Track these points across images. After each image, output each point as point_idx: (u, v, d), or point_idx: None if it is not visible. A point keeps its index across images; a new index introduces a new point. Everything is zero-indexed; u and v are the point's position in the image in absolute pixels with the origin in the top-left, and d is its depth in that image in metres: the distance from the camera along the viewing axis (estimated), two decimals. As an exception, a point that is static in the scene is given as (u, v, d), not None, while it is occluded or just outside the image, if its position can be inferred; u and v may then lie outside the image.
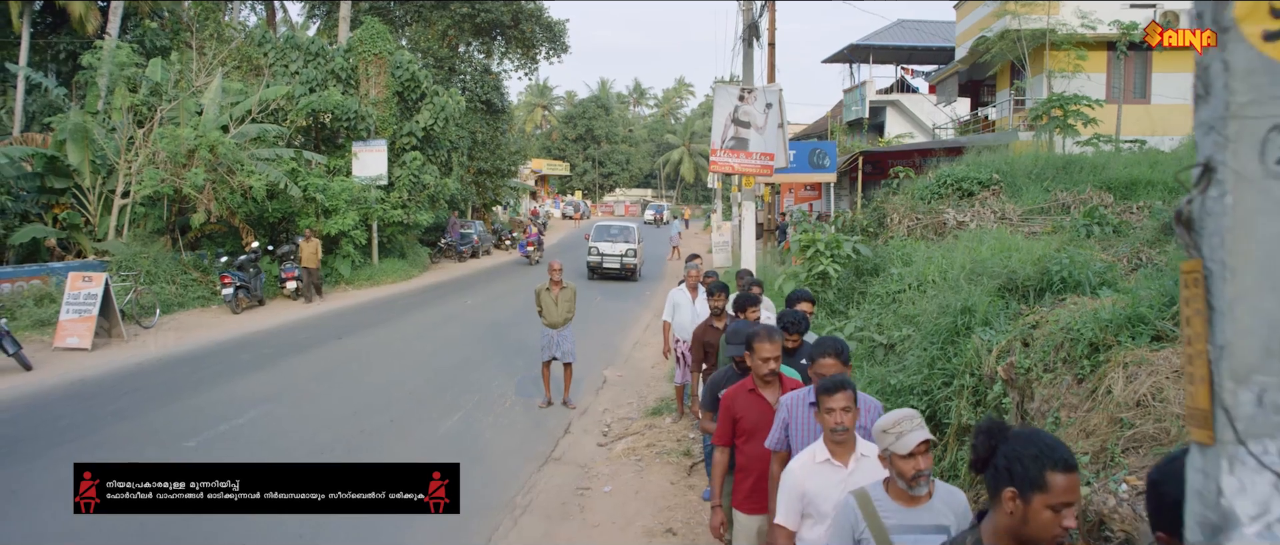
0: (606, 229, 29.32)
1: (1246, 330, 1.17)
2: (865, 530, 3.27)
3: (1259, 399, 1.17)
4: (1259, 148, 1.15)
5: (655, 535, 7.03)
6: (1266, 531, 1.17)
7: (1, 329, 12.64)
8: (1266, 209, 1.16)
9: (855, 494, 3.38)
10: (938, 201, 16.43)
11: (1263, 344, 1.17)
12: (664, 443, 9.49)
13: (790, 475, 3.97)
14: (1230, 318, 1.18)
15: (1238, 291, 1.17)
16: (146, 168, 19.37)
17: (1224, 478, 1.19)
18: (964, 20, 27.92)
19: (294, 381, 12.40)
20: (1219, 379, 1.19)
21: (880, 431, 3.29)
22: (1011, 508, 2.25)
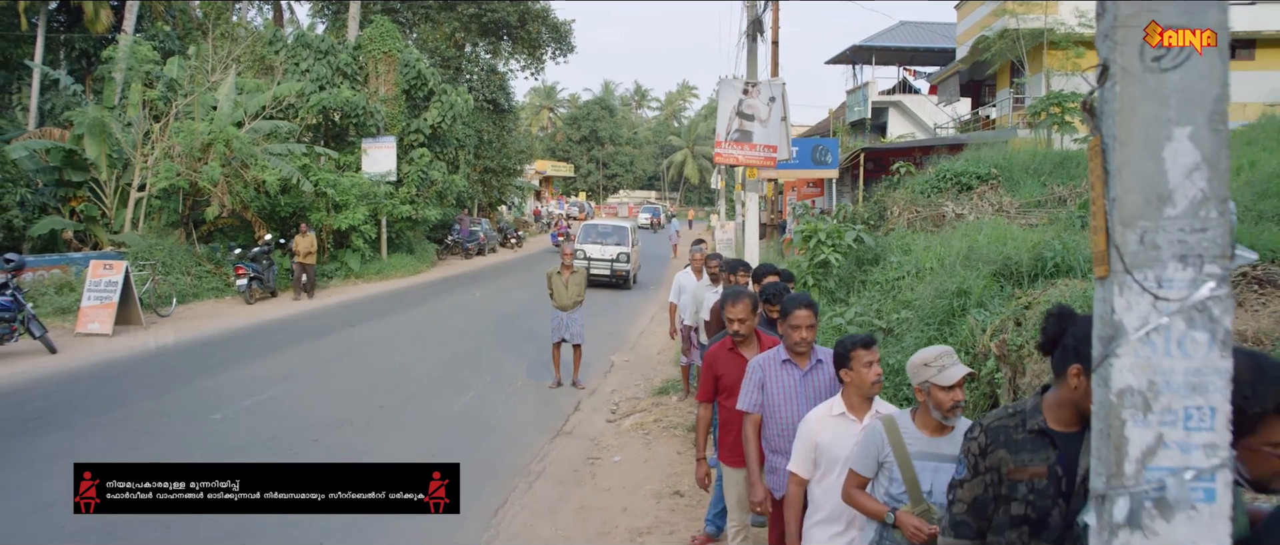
0: (594, 228, 26.42)
1: (1131, 187, 1.56)
2: (889, 453, 3.56)
3: (1141, 239, 1.56)
4: (1139, 49, 1.54)
5: (663, 497, 7.42)
6: (1145, 338, 1.55)
7: (28, 314, 13.07)
8: (1145, 96, 1.54)
9: (883, 418, 3.70)
10: (937, 195, 16.82)
11: (1143, 197, 1.55)
12: (670, 418, 9.88)
13: (806, 425, 4.17)
14: (1119, 178, 1.57)
15: (1124, 159, 1.56)
16: (162, 161, 19.79)
17: (1115, 299, 1.58)
18: (964, 20, 28.30)
19: (311, 363, 12.81)
20: (1112, 225, 1.58)
21: (920, 365, 3.51)
22: (1076, 383, 2.55)
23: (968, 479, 2.80)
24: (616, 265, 24.42)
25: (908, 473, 3.51)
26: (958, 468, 2.90)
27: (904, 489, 3.53)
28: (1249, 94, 20.45)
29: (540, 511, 7.17)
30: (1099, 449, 1.65)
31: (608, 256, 24.51)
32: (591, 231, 26.04)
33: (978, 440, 2.79)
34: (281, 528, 5.91)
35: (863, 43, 35.99)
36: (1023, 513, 2.66)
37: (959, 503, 2.83)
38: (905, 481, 3.51)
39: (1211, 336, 1.55)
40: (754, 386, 4.73)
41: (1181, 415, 1.56)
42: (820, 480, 4.08)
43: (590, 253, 24.27)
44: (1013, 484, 2.68)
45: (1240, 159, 14.54)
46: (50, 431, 8.82)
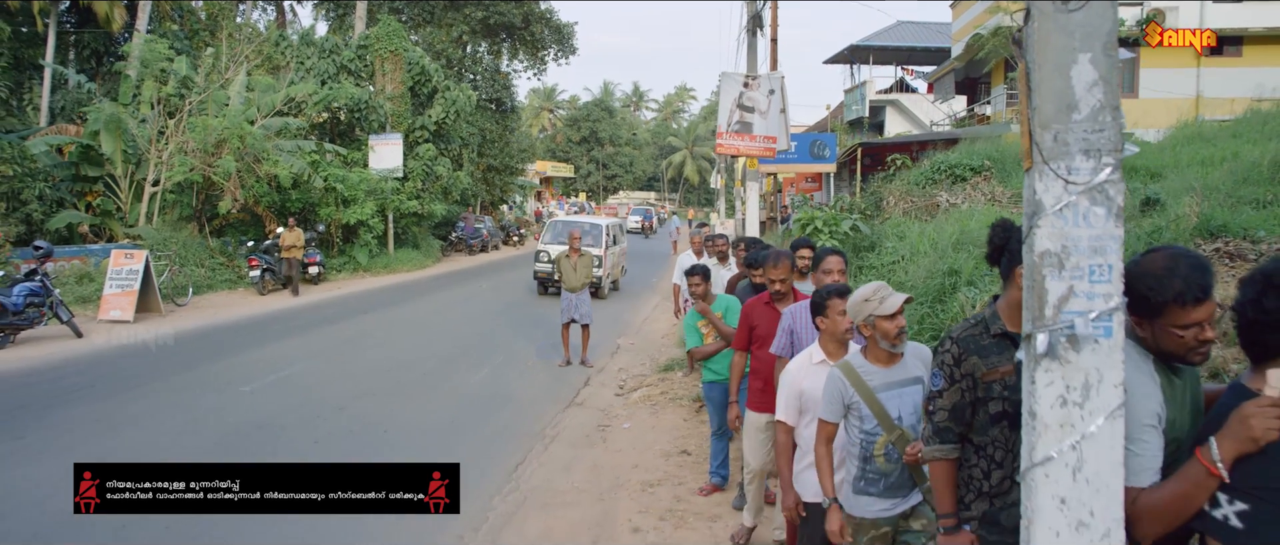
0: (562, 226, 21.89)
1: (1047, 99, 2.07)
2: (854, 395, 3.75)
3: (1054, 138, 2.07)
4: (1052, -5, 2.05)
5: (671, 455, 7.93)
6: (1059, 212, 2.06)
7: (56, 299, 13.58)
8: (1056, 30, 2.06)
9: (839, 365, 3.86)
10: (932, 186, 17.34)
11: (1056, 106, 2.07)
12: (676, 392, 10.39)
13: (788, 375, 4.42)
14: (1038, 93, 2.08)
15: (1041, 78, 2.07)
16: (177, 156, 20.30)
17: (1037, 184, 2.09)
18: (959, 19, 28.85)
19: (330, 345, 13.32)
20: (1034, 128, 2.09)
21: (861, 302, 3.76)
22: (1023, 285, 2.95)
23: (945, 388, 3.06)
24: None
25: (875, 407, 3.73)
26: (934, 379, 3.13)
27: (876, 423, 3.73)
28: (1237, 90, 20.98)
29: (557, 468, 7.68)
30: (1027, 300, 2.16)
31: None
32: (558, 229, 21.47)
33: (951, 351, 3.04)
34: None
35: (860, 42, 36.52)
36: (1001, 409, 2.96)
37: (940, 411, 3.07)
38: (875, 415, 3.73)
39: (1108, 210, 2.06)
40: (784, 333, 5.12)
41: (1087, 271, 2.07)
42: (806, 425, 4.30)
43: (555, 255, 18.40)
44: (987, 386, 2.97)
45: (1226, 150, 15.10)
46: (90, 402, 9.33)
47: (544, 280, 20.42)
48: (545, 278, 20.31)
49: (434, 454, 7.68)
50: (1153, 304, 2.34)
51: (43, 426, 8.31)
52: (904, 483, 3.77)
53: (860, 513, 3.79)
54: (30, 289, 13.16)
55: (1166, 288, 2.31)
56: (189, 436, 8.23)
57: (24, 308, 12.94)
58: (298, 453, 7.76)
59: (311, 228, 23.18)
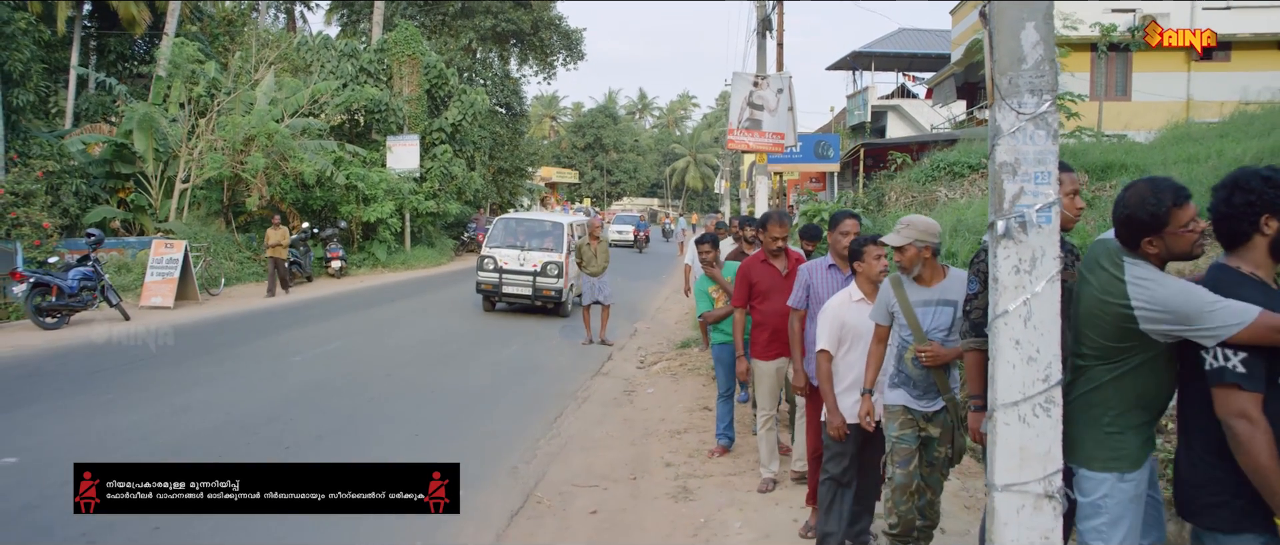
0: (512, 226, 17.42)
1: (1003, 53, 2.92)
2: (895, 304, 4.48)
3: (1009, 82, 2.91)
4: (1007, -21, 2.90)
5: (695, 411, 8.78)
6: (1012, 134, 2.91)
7: (106, 284, 14.43)
8: (1010, 6, 2.91)
9: (890, 278, 4.56)
10: (931, 183, 18.19)
11: (1009, 59, 2.91)
12: (693, 364, 11.23)
13: (830, 310, 4.98)
14: (998, 49, 2.93)
15: (1000, 39, 2.92)
16: (209, 153, 21.18)
17: (997, 114, 2.94)
18: (959, 25, 29.74)
19: (364, 326, 14.20)
20: (995, 74, 2.94)
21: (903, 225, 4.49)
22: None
23: (981, 291, 3.59)
24: (542, 281, 15.79)
25: (911, 318, 4.42)
26: (970, 284, 3.73)
27: (910, 331, 4.43)
28: (1225, 93, 21.81)
29: (591, 421, 8.54)
30: (992, 199, 2.99)
31: (527, 268, 15.87)
32: (509, 231, 17.08)
33: (986, 259, 3.37)
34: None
35: (862, 49, 37.39)
36: None
37: (976, 310, 3.62)
38: (909, 325, 4.42)
39: (1047, 133, 2.90)
40: (801, 286, 5.57)
41: (1032, 176, 2.91)
42: (845, 355, 4.95)
43: (503, 262, 15.96)
44: None
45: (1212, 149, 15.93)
46: (158, 368, 10.20)
47: (490, 293, 16.10)
48: (491, 290, 16.01)
49: (481, 410, 8.55)
50: (1160, 217, 2.97)
51: (123, 386, 9.15)
52: (930, 389, 4.47)
53: (894, 402, 4.53)
54: (84, 273, 14.01)
55: (1162, 200, 2.98)
56: (258, 392, 9.11)
57: (78, 291, 13.78)
58: (358, 406, 8.62)
59: (333, 225, 24.04)
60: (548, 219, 18.45)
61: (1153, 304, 2.94)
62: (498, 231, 17.05)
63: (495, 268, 15.98)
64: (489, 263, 16.11)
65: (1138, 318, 2.97)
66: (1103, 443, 3.14)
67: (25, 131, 19.62)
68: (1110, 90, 24.52)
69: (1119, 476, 3.12)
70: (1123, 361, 3.09)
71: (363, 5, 37.55)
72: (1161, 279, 2.99)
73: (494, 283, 15.96)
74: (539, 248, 16.31)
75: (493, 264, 16.05)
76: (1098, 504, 3.14)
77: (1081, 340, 3.18)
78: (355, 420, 8.17)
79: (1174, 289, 2.95)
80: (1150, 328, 2.96)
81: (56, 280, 13.47)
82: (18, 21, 19.85)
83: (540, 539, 5.52)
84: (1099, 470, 3.13)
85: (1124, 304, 3.00)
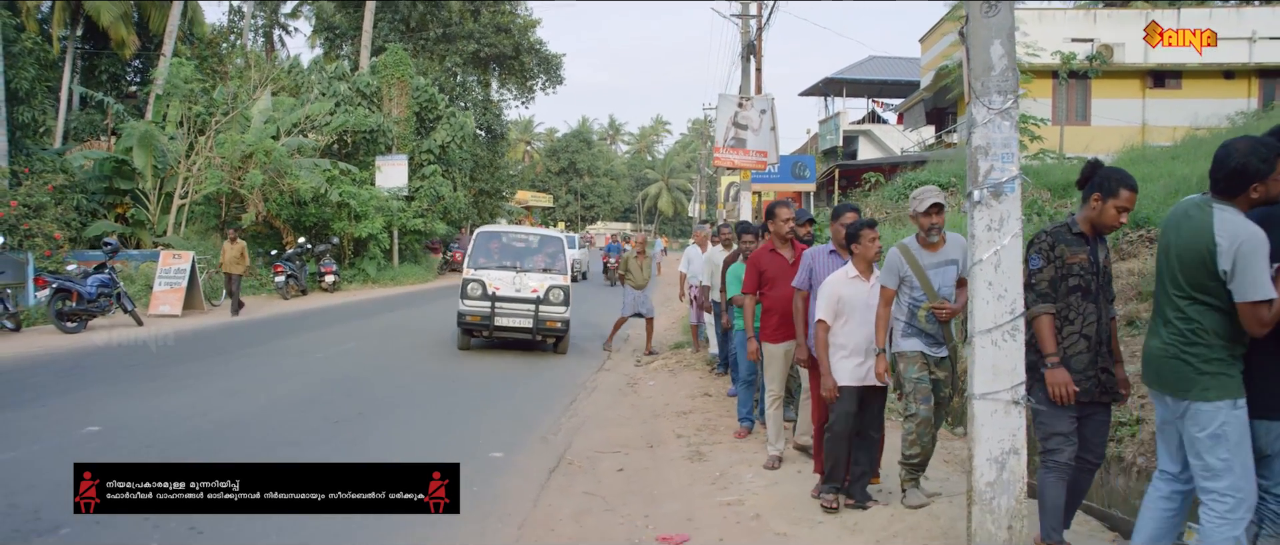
0: (499, 241, 14.07)
1: (977, 62, 3.84)
2: (907, 269, 5.12)
3: (981, 84, 3.84)
4: (981, 9, 3.83)
5: (696, 397, 9.66)
6: (985, 124, 3.83)
7: (122, 291, 15.08)
8: (982, 26, 3.83)
9: (898, 246, 5.22)
10: (903, 200, 19.24)
11: (982, 67, 3.84)
12: (688, 362, 12.10)
13: (829, 286, 5.49)
14: (973, 59, 3.85)
15: (975, 52, 3.85)
16: (208, 169, 21.86)
17: (973, 109, 3.86)
18: (928, 53, 31.05)
19: (371, 331, 14.97)
20: (971, 78, 3.86)
21: (913, 198, 5.31)
22: (1096, 205, 4.02)
23: (1043, 266, 4.08)
24: (546, 310, 12.58)
25: (923, 279, 5.09)
26: (1032, 261, 4.11)
27: (922, 292, 5.10)
28: (1176, 119, 23.07)
29: (603, 406, 9.39)
30: (969, 175, 3.90)
31: (526, 294, 12.63)
32: (496, 247, 13.73)
33: (1047, 241, 4.12)
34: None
35: (834, 76, 38.67)
36: (1077, 284, 4.06)
37: (1041, 282, 4.07)
38: (922, 285, 5.09)
39: (1011, 124, 3.81)
40: (804, 270, 6.10)
41: (1000, 156, 3.82)
42: (842, 326, 5.46)
43: (494, 287, 12.57)
44: (1069, 266, 4.05)
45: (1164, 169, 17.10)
46: (189, 362, 10.93)
47: (476, 327, 12.59)
48: (479, 323, 12.48)
49: (503, 394, 9.44)
50: (1268, 165, 3.39)
51: (162, 377, 9.87)
52: (939, 338, 5.21)
53: (911, 349, 5.18)
54: (101, 281, 14.65)
55: (1270, 149, 3.44)
56: (296, 380, 9.91)
57: (97, 297, 14.42)
58: (388, 392, 9.43)
59: (326, 241, 24.72)
60: (544, 233, 15.30)
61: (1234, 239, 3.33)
62: (482, 248, 13.36)
63: (484, 295, 12.36)
64: (475, 288, 12.43)
65: (1220, 253, 3.35)
66: (1214, 375, 3.43)
67: (26, 149, 20.22)
68: (1071, 115, 25.83)
69: (1232, 403, 3.41)
70: (1219, 298, 3.41)
71: (347, 30, 38.37)
72: (1244, 220, 3.40)
73: (483, 314, 12.28)
74: (538, 268, 13.05)
75: (481, 290, 12.41)
76: (1217, 434, 3.41)
77: (1178, 286, 3.53)
78: (389, 402, 8.97)
79: (1250, 232, 3.35)
80: (1225, 265, 3.35)
81: (77, 286, 14.10)
82: (24, 41, 20.54)
83: (578, 487, 6.34)
84: (1215, 399, 3.41)
85: (1210, 242, 3.38)
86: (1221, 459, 3.38)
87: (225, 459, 5.94)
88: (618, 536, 5.35)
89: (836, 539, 4.98)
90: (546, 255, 13.56)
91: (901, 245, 5.25)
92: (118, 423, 7.44)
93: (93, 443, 6.79)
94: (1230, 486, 3.37)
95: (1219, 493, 3.38)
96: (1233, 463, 3.37)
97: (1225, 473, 3.37)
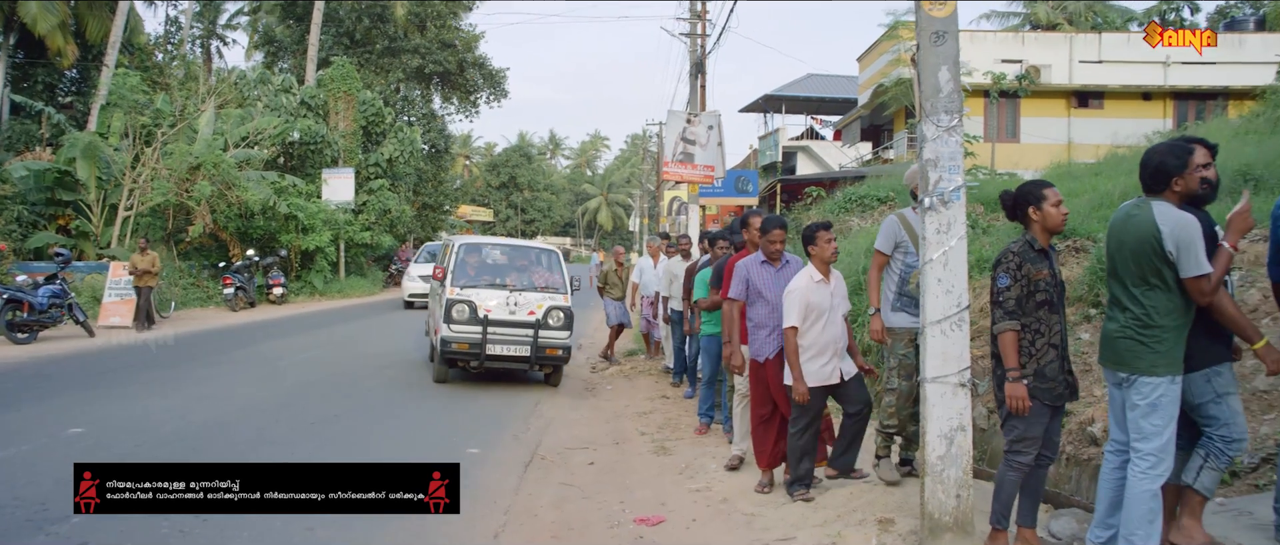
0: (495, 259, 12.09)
1: (928, 84, 4.38)
2: (903, 233, 5.54)
3: (931, 104, 4.37)
4: (930, 38, 4.36)
5: (654, 398, 10.13)
6: (934, 139, 4.36)
7: (72, 301, 15.03)
8: (931, 54, 4.37)
9: (895, 214, 5.70)
10: (845, 213, 19.97)
11: (931, 89, 4.37)
12: (642, 368, 12.56)
13: (796, 292, 5.58)
14: (923, 81, 4.39)
15: (925, 76, 4.38)
16: (155, 181, 21.74)
17: (924, 127, 4.39)
18: (865, 71, 32.07)
19: (328, 341, 15.16)
20: (923, 99, 4.39)
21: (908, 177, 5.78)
22: (1037, 216, 4.25)
23: (1011, 285, 4.25)
24: (547, 336, 10.74)
25: (919, 244, 5.24)
26: (1000, 279, 4.28)
27: (916, 257, 5.27)
28: (1098, 137, 24.27)
29: (566, 408, 9.80)
30: (920, 184, 4.42)
31: (522, 318, 10.68)
32: (480, 262, 11.74)
33: (1014, 260, 4.27)
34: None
35: (774, 93, 39.53)
36: (1043, 298, 4.25)
37: (1009, 300, 4.25)
38: (917, 249, 5.22)
39: (957, 140, 4.34)
40: (740, 280, 6.28)
41: (948, 168, 4.34)
42: (809, 329, 5.61)
43: (486, 309, 10.57)
44: (1036, 282, 4.24)
45: (1088, 185, 18.06)
46: (158, 370, 11.08)
47: (460, 356, 10.61)
48: (468, 352, 10.46)
49: (469, 397, 9.80)
50: (1181, 162, 3.91)
51: (135, 383, 10.04)
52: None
53: (900, 325, 5.53)
54: (53, 291, 14.59)
55: (1183, 149, 3.96)
56: (266, 386, 10.14)
57: (48, 308, 14.38)
58: (358, 396, 9.73)
59: (274, 253, 24.68)
60: (535, 245, 13.33)
61: (1174, 226, 3.81)
62: (465, 264, 11.32)
63: (473, 318, 10.39)
64: (463, 311, 10.42)
65: (1165, 239, 3.83)
66: (1162, 354, 3.91)
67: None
68: (1002, 133, 26.96)
69: (1171, 379, 3.91)
70: (1167, 281, 3.88)
71: (289, 43, 38.24)
72: (1178, 210, 3.88)
73: (473, 341, 10.32)
74: (534, 287, 11.30)
75: (470, 313, 10.41)
76: (1155, 403, 3.90)
77: (1131, 275, 3.99)
78: (361, 405, 9.27)
79: (1187, 219, 3.84)
80: (1171, 248, 3.82)
81: (28, 297, 14.05)
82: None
83: (555, 479, 6.74)
84: (1160, 375, 3.90)
85: (1156, 233, 3.85)
86: (1155, 425, 3.90)
87: (212, 458, 6.24)
88: (597, 520, 5.76)
89: (801, 516, 5.46)
90: (542, 271, 11.74)
91: (898, 213, 5.58)
92: (101, 425, 7.64)
93: (82, 443, 7.00)
94: (1157, 449, 3.89)
95: (1146, 453, 3.92)
96: (1163, 430, 3.89)
97: (1155, 437, 3.89)
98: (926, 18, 4.43)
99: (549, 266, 11.85)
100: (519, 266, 11.82)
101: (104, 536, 4.82)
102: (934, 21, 4.41)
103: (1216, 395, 4.03)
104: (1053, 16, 35.62)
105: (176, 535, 4.88)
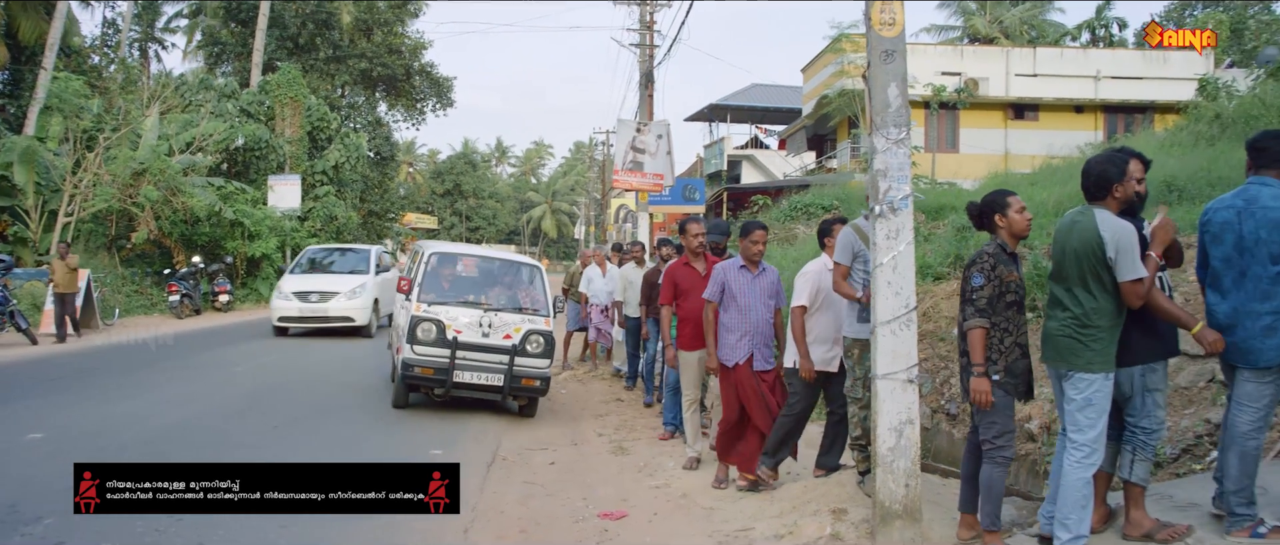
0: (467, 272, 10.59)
1: (877, 99, 4.69)
2: (860, 244, 5.48)
3: (881, 119, 4.69)
4: (880, 56, 4.68)
5: (609, 401, 10.39)
6: (884, 151, 4.67)
7: (14, 308, 14.82)
8: (881, 71, 4.69)
9: (851, 225, 5.69)
10: (790, 221, 20.45)
11: (881, 104, 4.68)
12: (593, 375, 12.78)
13: (810, 273, 5.99)
14: (873, 98, 4.70)
15: (875, 92, 4.70)
16: (97, 187, 21.41)
17: (876, 140, 4.70)
18: (810, 82, 32.70)
19: (279, 348, 15.11)
20: (873, 113, 4.70)
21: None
22: (1003, 223, 4.49)
23: (985, 284, 4.44)
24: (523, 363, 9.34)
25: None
26: (975, 278, 4.46)
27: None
28: (1033, 148, 25.14)
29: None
30: (870, 193, 4.72)
31: (497, 342, 9.31)
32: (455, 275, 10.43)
33: (988, 261, 4.47)
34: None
35: (718, 102, 40.07)
36: (1013, 300, 4.48)
37: (981, 299, 4.43)
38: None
39: (906, 151, 4.66)
40: (716, 283, 6.39)
41: (897, 177, 4.65)
42: (815, 314, 5.92)
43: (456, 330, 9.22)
44: (1007, 284, 4.46)
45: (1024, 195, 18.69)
46: (112, 376, 11.03)
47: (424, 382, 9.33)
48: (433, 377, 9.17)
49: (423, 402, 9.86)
50: (1120, 171, 4.20)
51: (90, 388, 9.98)
52: None
53: (857, 335, 5.49)
54: (-5, 299, 14.40)
55: (1121, 159, 4.27)
56: (226, 390, 10.21)
57: (-10, 314, 14.18)
58: (319, 399, 9.80)
59: (220, 260, 24.44)
60: (516, 259, 11.61)
61: (1114, 233, 4.08)
62: (435, 276, 9.97)
63: (440, 339, 9.08)
64: (429, 331, 9.11)
65: (1106, 245, 4.08)
66: (1098, 352, 4.18)
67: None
68: (942, 144, 27.69)
69: (1105, 376, 4.20)
70: (1106, 283, 4.15)
71: (232, 46, 37.79)
72: (1118, 219, 4.17)
73: (439, 366, 9.07)
74: (511, 307, 9.86)
75: (435, 333, 9.10)
76: (1089, 398, 4.19)
77: (1073, 278, 4.23)
78: (322, 408, 9.36)
79: (1126, 227, 4.11)
80: (1111, 254, 4.08)
81: (-31, 304, 13.85)
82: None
83: (518, 478, 6.94)
84: (1095, 372, 4.18)
85: (1098, 238, 4.10)
86: (1089, 418, 4.19)
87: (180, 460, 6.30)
88: (562, 515, 5.98)
89: (758, 508, 5.74)
90: (523, 287, 10.33)
91: (853, 225, 5.69)
92: (61, 430, 7.65)
93: (43, 447, 7.03)
94: (1089, 440, 4.20)
95: (1080, 444, 4.23)
96: (1096, 423, 4.18)
97: (1089, 429, 4.19)
98: (877, 37, 4.75)
99: (531, 283, 10.36)
100: (497, 282, 10.34)
101: (80, 536, 4.91)
102: (883, 41, 4.73)
103: (1146, 390, 4.37)
104: (990, 30, 36.67)
105: (152, 534, 4.98)
